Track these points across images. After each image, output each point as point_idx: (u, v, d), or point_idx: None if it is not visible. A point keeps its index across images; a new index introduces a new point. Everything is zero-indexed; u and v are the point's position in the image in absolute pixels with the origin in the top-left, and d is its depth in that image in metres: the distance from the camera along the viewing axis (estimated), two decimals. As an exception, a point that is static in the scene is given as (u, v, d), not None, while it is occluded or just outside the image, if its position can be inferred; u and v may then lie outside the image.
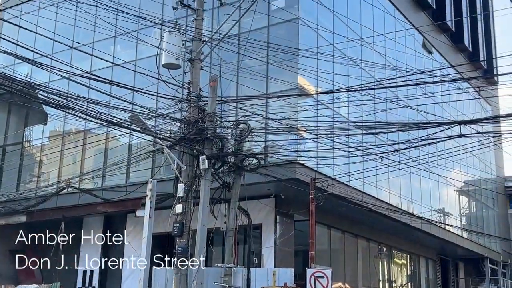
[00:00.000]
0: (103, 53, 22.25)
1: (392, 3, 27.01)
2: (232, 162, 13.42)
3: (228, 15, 13.64)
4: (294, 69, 19.12)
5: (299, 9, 20.19)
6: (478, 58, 36.03)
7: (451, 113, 27.53)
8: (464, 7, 34.90)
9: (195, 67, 13.02)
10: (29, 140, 27.22)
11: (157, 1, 20.32)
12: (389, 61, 24.73)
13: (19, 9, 26.81)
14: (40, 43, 19.19)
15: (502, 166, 41.27)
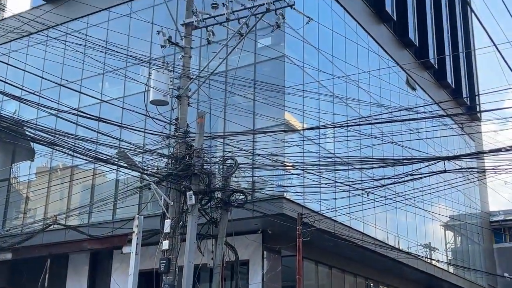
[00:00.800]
0: (91, 90, 22.27)
1: (376, 41, 27.39)
2: (219, 198, 13.35)
3: (215, 53, 13.74)
4: (280, 105, 19.22)
5: (285, 47, 20.39)
6: (461, 94, 36.43)
7: (436, 149, 27.74)
8: (447, 45, 35.45)
9: (183, 104, 13.03)
10: (16, 176, 27.04)
11: (145, 40, 20.48)
12: (374, 97, 24.95)
13: (7, 47, 26.89)
14: (28, 81, 19.19)
15: (487, 201, 41.42)
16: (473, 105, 37.90)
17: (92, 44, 16.18)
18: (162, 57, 13.36)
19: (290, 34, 20.08)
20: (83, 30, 23.87)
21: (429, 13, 33.36)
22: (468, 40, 40.06)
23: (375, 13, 27.98)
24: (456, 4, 38.20)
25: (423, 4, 32.71)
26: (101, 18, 24.92)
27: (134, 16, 23.24)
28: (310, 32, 21.49)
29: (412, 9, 31.21)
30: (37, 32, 23.33)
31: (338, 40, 24.11)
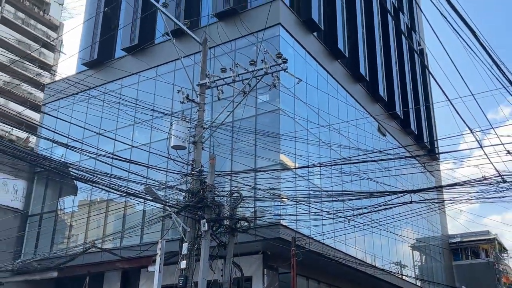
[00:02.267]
0: (124, 137, 22.38)
1: (352, 96, 27.60)
2: (227, 225, 13.24)
3: (224, 107, 13.83)
4: (276, 149, 19.26)
5: (280, 102, 20.52)
6: (422, 140, 36.55)
7: (403, 184, 27.59)
8: (410, 99, 35.73)
9: (198, 148, 13.05)
10: (61, 208, 26.92)
11: (167, 97, 20.66)
12: (352, 142, 25.00)
13: (57, 104, 27.14)
14: (74, 130, 19.27)
15: (446, 226, 41.12)
16: (432, 148, 37.93)
17: (125, 101, 16.32)
18: (181, 111, 13.45)
19: (284, 92, 20.26)
20: (117, 90, 24.13)
21: (395, 74, 33.71)
22: (427, 94, 40.40)
23: (351, 75, 28.28)
24: (417, 67, 38.63)
25: (390, 67, 33.10)
26: (132, 80, 25.19)
27: (159, 79, 23.53)
28: (300, 90, 21.68)
29: (381, 71, 31.56)
30: (81, 91, 23.63)
31: (322, 96, 24.30)
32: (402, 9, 38.42)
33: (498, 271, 38.10)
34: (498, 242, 41.48)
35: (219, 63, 16.58)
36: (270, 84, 13.04)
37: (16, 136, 47.91)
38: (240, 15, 22.58)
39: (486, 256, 40.71)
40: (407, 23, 39.42)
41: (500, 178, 11.50)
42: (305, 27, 24.10)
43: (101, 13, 28.59)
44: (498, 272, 38.03)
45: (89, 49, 27.96)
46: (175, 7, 24.81)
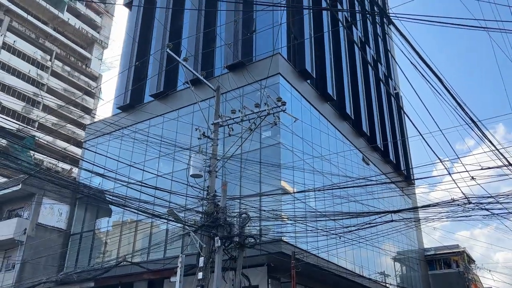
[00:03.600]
0: (150, 168, 22.36)
1: (340, 132, 27.60)
2: (237, 241, 13.03)
3: (233, 142, 13.82)
4: (278, 176, 19.16)
5: (280, 137, 20.53)
6: (400, 168, 36.31)
7: (385, 205, 27.29)
8: (388, 133, 35.67)
9: (212, 176, 12.97)
10: (98, 228, 26.70)
11: (186, 134, 20.72)
12: (341, 170, 24.86)
13: (96, 141, 27.26)
14: (109, 162, 19.29)
15: (422, 240, 40.39)
16: (408, 175, 37.63)
17: (151, 138, 16.36)
18: (198, 145, 13.42)
19: (284, 129, 20.29)
20: (146, 129, 24.24)
21: (375, 113, 33.79)
22: (403, 130, 40.35)
23: (339, 114, 28.36)
24: (393, 107, 38.74)
25: (371, 108, 33.21)
26: (158, 121, 25.33)
27: (180, 119, 23.66)
28: (297, 127, 21.73)
29: (364, 111, 31.64)
30: (116, 130, 23.74)
31: (315, 132, 24.33)
32: (380, 60, 38.82)
33: (468, 280, 37.21)
34: (466, 254, 40.61)
35: (230, 105, 16.69)
36: (272, 122, 13.06)
37: (62, 168, 48.00)
38: (246, 67, 22.85)
39: (456, 267, 39.78)
40: (385, 72, 39.77)
41: (467, 200, 11.37)
42: (300, 76, 24.32)
43: (133, 66, 29.02)
44: (468, 281, 37.14)
45: (122, 95, 28.28)
46: (194, 61, 25.18)
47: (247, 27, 24.63)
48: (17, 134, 31.45)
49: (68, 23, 59.23)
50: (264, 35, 24.11)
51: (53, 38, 56.99)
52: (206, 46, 26.02)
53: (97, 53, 63.33)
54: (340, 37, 30.40)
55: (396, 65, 42.73)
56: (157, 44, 28.81)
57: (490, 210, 11.75)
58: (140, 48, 29.78)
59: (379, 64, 38.30)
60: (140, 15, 31.01)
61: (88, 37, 61.95)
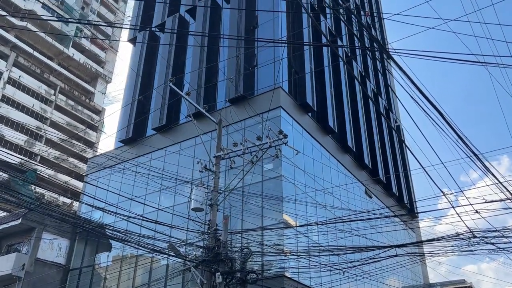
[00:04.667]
0: (151, 202, 22.21)
1: (342, 165, 27.54)
2: (239, 277, 12.77)
3: (235, 175, 13.77)
4: (280, 210, 18.99)
5: (282, 170, 20.50)
6: (403, 201, 36.01)
7: (388, 239, 26.88)
8: (390, 166, 35.57)
9: (213, 210, 12.86)
10: (98, 263, 26.28)
11: (188, 167, 20.70)
12: (344, 203, 24.66)
13: (97, 174, 27.24)
14: (110, 196, 19.20)
15: (427, 275, 39.55)
16: (412, 208, 37.27)
17: (153, 171, 16.34)
18: (200, 178, 13.38)
19: (285, 162, 20.26)
20: (147, 162, 24.26)
21: (377, 146, 33.81)
22: (405, 162, 40.25)
23: (340, 147, 28.38)
24: (395, 139, 38.81)
25: (372, 140, 33.27)
26: (160, 154, 25.38)
27: (182, 152, 23.70)
28: (298, 160, 21.71)
29: (365, 143, 31.68)
30: (117, 164, 23.75)
31: (317, 164, 24.30)
32: (380, 94, 39.20)
33: (476, 316, 36.17)
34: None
35: (232, 138, 16.75)
36: (274, 155, 13.06)
37: (62, 202, 47.76)
38: (248, 100, 23.09)
39: (464, 302, 38.79)
40: (385, 104, 40.09)
41: (471, 234, 11.21)
42: (301, 109, 24.52)
43: (136, 100, 29.36)
44: (476, 317, 36.10)
45: (125, 128, 28.46)
46: (196, 95, 25.48)
47: (248, 62, 25.06)
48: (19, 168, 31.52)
49: (72, 58, 60.38)
50: (265, 70, 24.49)
51: (58, 73, 57.97)
52: (209, 80, 26.39)
53: (101, 87, 64.24)
54: (340, 71, 30.84)
55: (396, 98, 43.09)
56: (160, 78, 29.25)
57: (496, 244, 11.56)
58: (143, 82, 30.22)
59: (380, 97, 38.65)
60: (143, 51, 31.63)
61: (92, 72, 62.99)
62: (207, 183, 13.58)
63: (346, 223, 19.19)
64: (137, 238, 11.88)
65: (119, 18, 66.88)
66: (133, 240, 11.71)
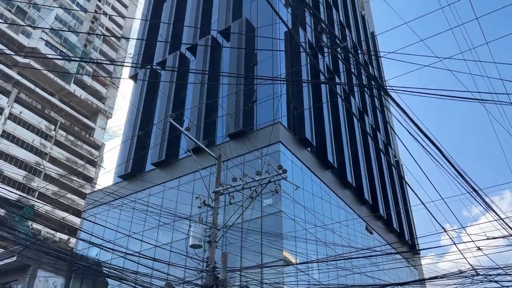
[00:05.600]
0: (148, 238, 21.90)
1: (342, 200, 27.37)
2: (238, 317, 12.44)
3: (234, 211, 13.66)
4: (279, 246, 18.71)
5: (282, 205, 20.34)
6: (404, 237, 35.55)
7: (390, 277, 26.37)
8: (391, 201, 35.33)
9: (212, 247, 12.67)
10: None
11: (186, 203, 20.56)
12: (344, 240, 24.32)
13: (95, 210, 27.00)
14: (107, 232, 18.98)
15: (432, 315, 38.48)
16: (413, 244, 36.75)
17: (151, 207, 16.22)
18: (198, 214, 13.28)
19: (285, 197, 20.15)
20: (145, 198, 24.10)
21: (377, 181, 33.71)
22: (405, 197, 40.02)
23: (340, 182, 28.30)
24: (394, 174, 38.75)
25: (372, 175, 33.21)
26: (158, 189, 25.26)
27: (181, 188, 23.61)
28: (298, 195, 21.58)
29: (365, 179, 31.61)
30: (116, 199, 23.59)
31: (317, 200, 24.14)
32: (379, 129, 39.47)
33: None
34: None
35: (231, 173, 16.70)
36: (273, 190, 12.99)
37: (59, 238, 47.10)
38: (247, 135, 23.22)
39: None
40: (384, 139, 40.28)
41: (474, 271, 11.01)
42: (300, 144, 24.62)
43: (136, 136, 29.50)
44: None
45: (124, 164, 28.45)
46: (196, 130, 25.64)
47: (248, 98, 25.37)
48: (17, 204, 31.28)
49: (74, 94, 61.14)
50: (264, 105, 24.76)
51: (59, 109, 58.53)
52: (208, 115, 26.62)
53: (101, 123, 64.70)
54: (338, 106, 31.17)
55: (395, 133, 43.31)
56: (160, 114, 29.51)
57: (500, 282, 11.34)
58: (143, 117, 30.47)
59: (378, 133, 38.88)
60: (144, 87, 32.07)
61: (92, 108, 63.62)
62: (206, 219, 13.44)
63: (347, 260, 18.86)
64: (134, 276, 11.65)
65: (121, 56, 68.22)
66: (130, 278, 11.48)
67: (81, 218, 29.88)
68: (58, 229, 36.56)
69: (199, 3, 32.98)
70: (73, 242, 38.91)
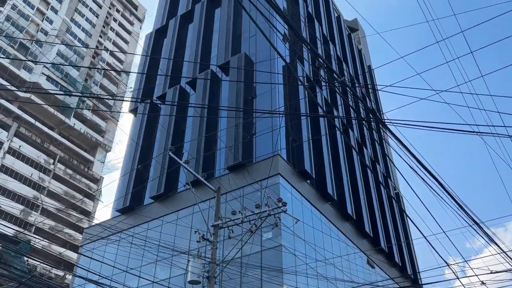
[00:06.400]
0: (146, 274, 21.49)
1: (343, 233, 27.05)
2: None
3: (233, 245, 13.48)
4: (279, 282, 18.35)
5: (282, 239, 20.08)
6: (406, 271, 34.92)
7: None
8: (392, 235, 34.91)
9: (211, 283, 12.42)
10: None
11: (184, 238, 20.30)
12: (346, 274, 23.88)
13: (92, 245, 26.60)
14: (104, 268, 18.64)
15: None
16: (415, 278, 36.05)
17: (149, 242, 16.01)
18: (197, 248, 13.08)
19: (285, 230, 19.91)
20: (143, 233, 23.81)
21: (377, 214, 33.43)
22: (406, 230, 39.57)
23: (340, 215, 28.06)
24: (395, 207, 38.46)
25: (372, 208, 32.96)
26: (157, 223, 24.99)
27: (179, 222, 23.36)
28: (298, 228, 21.34)
29: (365, 211, 31.34)
30: (113, 234, 23.29)
31: (318, 233, 23.86)
32: (378, 161, 39.48)
33: None
34: None
35: (230, 206, 16.57)
36: (273, 223, 12.85)
37: (55, 274, 46.19)
38: (247, 167, 23.19)
39: None
40: (383, 172, 40.22)
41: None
42: (300, 176, 24.55)
43: (135, 169, 29.44)
44: None
45: (123, 198, 28.26)
46: (195, 163, 25.62)
47: (247, 130, 25.50)
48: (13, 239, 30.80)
49: (73, 128, 61.43)
50: (263, 138, 24.86)
51: (58, 142, 58.67)
52: (207, 148, 26.68)
53: (100, 156, 64.71)
54: (337, 139, 31.30)
55: (394, 166, 43.28)
56: (160, 147, 29.56)
57: (506, 317, 11.03)
58: (142, 150, 30.50)
59: (377, 165, 38.86)
60: (144, 120, 32.27)
61: (92, 141, 63.79)
62: (205, 254, 13.23)
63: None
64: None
65: (121, 90, 69.03)
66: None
67: (78, 253, 29.41)
68: (55, 265, 35.89)
69: (198, 38, 33.66)
70: (69, 278, 38.13)
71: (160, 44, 37.98)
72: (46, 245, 46.90)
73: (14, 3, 59.07)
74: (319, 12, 40.76)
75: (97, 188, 60.57)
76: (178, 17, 37.62)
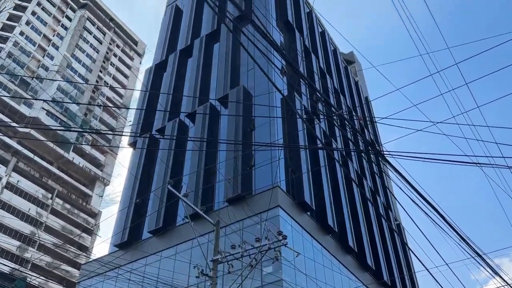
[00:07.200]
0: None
1: (345, 266, 26.62)
2: None
3: (233, 280, 13.25)
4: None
5: (282, 273, 19.74)
6: (410, 304, 34.19)
7: None
8: (394, 267, 34.33)
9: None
10: None
11: (182, 273, 19.94)
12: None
13: (90, 282, 26.12)
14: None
15: None
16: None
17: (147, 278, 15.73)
18: (196, 284, 12.87)
19: (285, 264, 19.60)
20: (141, 268, 23.42)
21: (379, 246, 32.98)
22: (409, 263, 38.91)
23: (341, 247, 27.69)
24: (397, 238, 37.99)
25: (374, 240, 32.56)
26: (155, 258, 24.61)
27: (178, 256, 23.01)
28: (299, 261, 21.00)
29: (367, 244, 30.93)
30: (111, 270, 22.89)
31: (319, 266, 23.47)
32: (378, 193, 39.30)
33: None
34: None
35: (229, 240, 16.38)
36: (273, 257, 12.68)
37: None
38: (246, 200, 23.05)
39: None
40: (384, 203, 39.97)
41: None
42: (300, 208, 24.38)
43: (133, 203, 29.23)
44: None
45: (121, 232, 27.93)
46: (194, 196, 25.48)
47: (246, 163, 25.50)
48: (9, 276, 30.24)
49: (72, 162, 61.35)
50: (263, 170, 24.83)
51: (57, 177, 58.46)
52: (206, 181, 26.59)
53: (99, 190, 64.35)
54: (337, 170, 31.27)
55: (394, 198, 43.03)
56: (159, 180, 29.46)
57: None
58: (141, 183, 30.38)
59: (378, 197, 38.65)
60: (143, 154, 32.31)
61: (90, 175, 63.58)
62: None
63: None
64: None
65: (121, 124, 69.42)
66: None
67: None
68: (50, 302, 35.04)
69: (198, 72, 34.17)
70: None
71: (159, 78, 38.51)
72: (42, 282, 45.93)
73: (16, 40, 60.21)
74: (316, 46, 41.58)
75: (95, 223, 59.92)
76: (178, 52, 38.30)
